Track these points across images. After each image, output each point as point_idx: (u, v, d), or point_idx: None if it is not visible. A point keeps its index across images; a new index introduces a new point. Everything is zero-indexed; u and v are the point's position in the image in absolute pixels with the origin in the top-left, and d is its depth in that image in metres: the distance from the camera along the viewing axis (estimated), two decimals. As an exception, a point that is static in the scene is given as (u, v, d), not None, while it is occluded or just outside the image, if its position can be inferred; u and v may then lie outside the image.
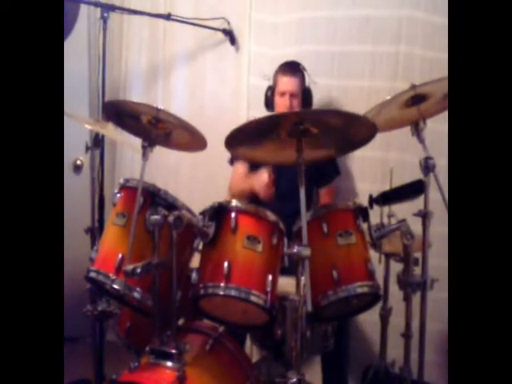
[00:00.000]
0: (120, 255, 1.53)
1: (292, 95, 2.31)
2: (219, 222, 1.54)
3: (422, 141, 1.66)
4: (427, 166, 1.61)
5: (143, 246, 1.48)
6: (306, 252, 1.32)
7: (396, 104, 1.66)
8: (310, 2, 2.58)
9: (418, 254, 1.65)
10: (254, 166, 2.31)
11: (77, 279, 1.76)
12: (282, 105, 2.32)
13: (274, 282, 1.52)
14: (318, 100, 2.45)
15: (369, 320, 2.33)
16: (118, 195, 1.66)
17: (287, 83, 2.33)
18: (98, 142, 2.13)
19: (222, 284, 1.47)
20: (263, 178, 2.12)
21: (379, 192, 1.75)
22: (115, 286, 1.50)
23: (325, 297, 1.53)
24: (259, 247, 1.52)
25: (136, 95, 2.98)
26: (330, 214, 1.63)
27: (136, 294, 1.52)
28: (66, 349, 1.30)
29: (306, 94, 2.34)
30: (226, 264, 1.48)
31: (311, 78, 2.37)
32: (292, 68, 2.36)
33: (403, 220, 1.66)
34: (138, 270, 1.37)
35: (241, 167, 2.40)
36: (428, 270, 1.62)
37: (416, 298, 1.64)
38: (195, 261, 1.62)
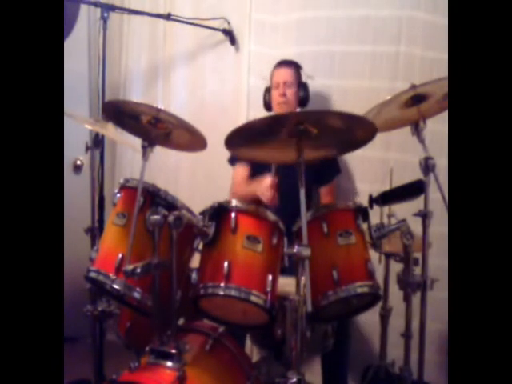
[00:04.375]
0: (120, 255, 1.53)
1: (285, 84, 2.31)
2: (219, 222, 1.54)
3: (422, 141, 1.66)
4: (427, 166, 1.61)
5: (143, 246, 1.48)
6: (306, 252, 1.32)
7: (396, 104, 1.66)
8: (309, 2, 2.58)
9: (418, 254, 1.65)
10: (255, 169, 2.31)
11: (77, 279, 1.76)
12: (276, 95, 2.32)
13: (274, 282, 1.52)
14: (317, 100, 2.46)
15: (369, 320, 2.33)
16: (118, 195, 1.66)
17: (280, 73, 2.35)
18: (97, 142, 2.12)
19: (222, 284, 1.47)
20: (266, 183, 2.06)
21: (379, 192, 1.75)
22: (115, 286, 1.50)
23: (325, 297, 1.53)
24: (259, 247, 1.52)
25: (136, 95, 2.98)
26: (330, 214, 1.63)
27: (136, 294, 1.52)
28: (66, 349, 1.30)
29: (302, 88, 2.34)
30: (225, 264, 1.47)
31: (307, 74, 2.37)
32: (285, 61, 2.39)
33: (403, 220, 1.66)
34: (138, 270, 1.37)
35: (242, 170, 2.39)
36: (428, 269, 1.62)
37: (416, 298, 1.64)
38: (195, 261, 1.62)
